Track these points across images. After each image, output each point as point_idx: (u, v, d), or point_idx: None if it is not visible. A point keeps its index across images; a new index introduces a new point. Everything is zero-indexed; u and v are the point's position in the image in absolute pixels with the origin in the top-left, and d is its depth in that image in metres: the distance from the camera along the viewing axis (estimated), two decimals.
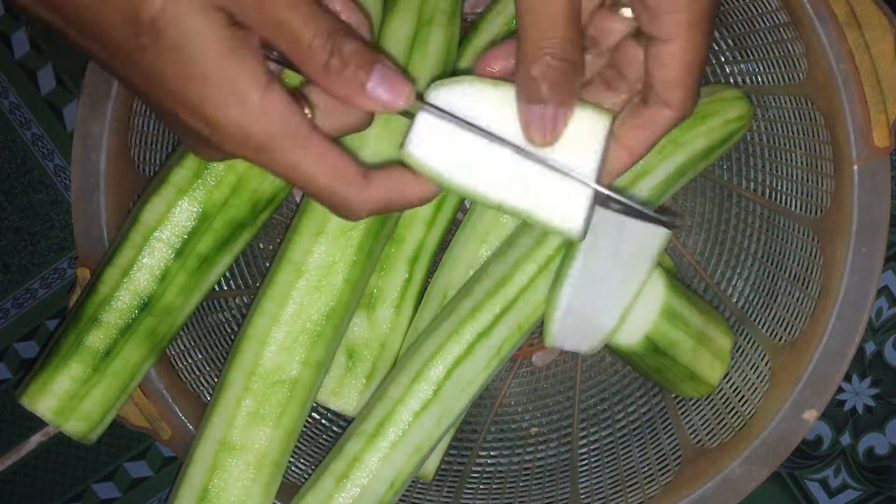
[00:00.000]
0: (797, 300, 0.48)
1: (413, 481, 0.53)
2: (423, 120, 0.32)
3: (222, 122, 0.30)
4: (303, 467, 0.53)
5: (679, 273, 0.58)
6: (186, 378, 0.51)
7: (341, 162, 0.32)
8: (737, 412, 0.49)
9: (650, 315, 0.47)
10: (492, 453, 0.58)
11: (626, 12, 0.34)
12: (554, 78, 0.31)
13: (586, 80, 0.37)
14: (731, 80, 0.54)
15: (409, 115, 0.33)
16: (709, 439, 0.50)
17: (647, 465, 0.52)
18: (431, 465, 0.53)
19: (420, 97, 0.32)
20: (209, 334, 0.54)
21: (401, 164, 0.34)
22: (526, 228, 0.49)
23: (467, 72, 0.50)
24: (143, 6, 0.28)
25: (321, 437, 0.56)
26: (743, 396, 0.49)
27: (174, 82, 0.30)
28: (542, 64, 0.31)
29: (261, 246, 0.58)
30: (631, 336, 0.47)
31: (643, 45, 0.33)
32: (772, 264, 0.52)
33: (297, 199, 0.59)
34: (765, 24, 0.48)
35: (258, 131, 0.30)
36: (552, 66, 0.31)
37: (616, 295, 0.46)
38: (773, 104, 0.51)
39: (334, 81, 0.30)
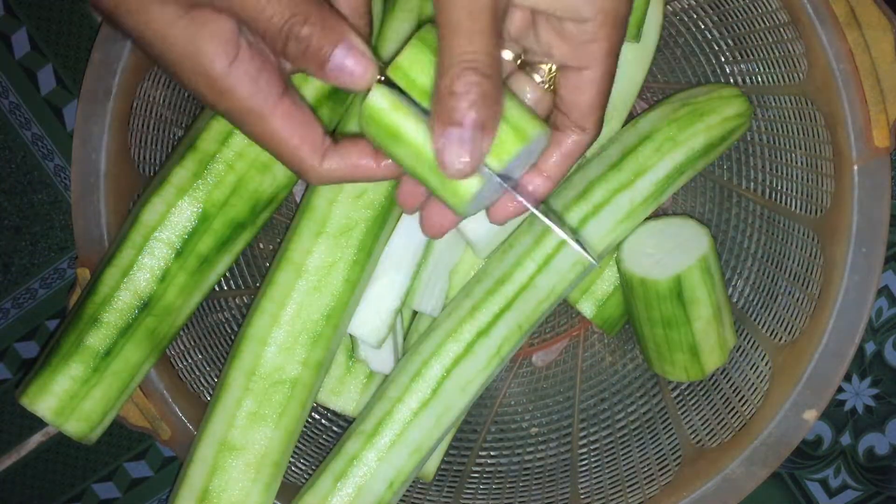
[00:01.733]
0: (797, 300, 0.48)
1: (413, 481, 0.53)
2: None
3: (203, 91, 0.32)
4: (303, 467, 0.53)
5: None
6: (186, 378, 0.51)
7: (303, 130, 0.33)
8: (737, 412, 0.49)
9: (687, 260, 0.47)
10: (492, 453, 0.58)
11: (537, 77, 0.35)
12: (475, 96, 0.29)
13: None
14: (731, 80, 0.54)
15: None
16: (709, 439, 0.50)
17: (647, 465, 0.52)
18: (431, 466, 0.53)
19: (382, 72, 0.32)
20: (209, 334, 0.54)
21: (363, 137, 0.34)
22: (525, 229, 0.49)
23: None
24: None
25: (321, 437, 0.56)
26: (743, 396, 0.49)
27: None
28: (463, 80, 0.28)
29: (261, 246, 0.58)
30: (664, 271, 0.47)
31: (554, 76, 0.34)
32: (772, 264, 0.52)
33: (298, 199, 0.59)
34: (765, 24, 0.48)
35: (226, 105, 0.32)
36: (473, 83, 0.28)
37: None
38: (773, 104, 0.51)
39: (295, 60, 0.32)
